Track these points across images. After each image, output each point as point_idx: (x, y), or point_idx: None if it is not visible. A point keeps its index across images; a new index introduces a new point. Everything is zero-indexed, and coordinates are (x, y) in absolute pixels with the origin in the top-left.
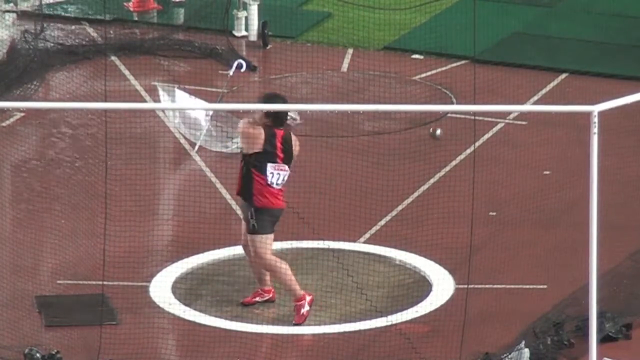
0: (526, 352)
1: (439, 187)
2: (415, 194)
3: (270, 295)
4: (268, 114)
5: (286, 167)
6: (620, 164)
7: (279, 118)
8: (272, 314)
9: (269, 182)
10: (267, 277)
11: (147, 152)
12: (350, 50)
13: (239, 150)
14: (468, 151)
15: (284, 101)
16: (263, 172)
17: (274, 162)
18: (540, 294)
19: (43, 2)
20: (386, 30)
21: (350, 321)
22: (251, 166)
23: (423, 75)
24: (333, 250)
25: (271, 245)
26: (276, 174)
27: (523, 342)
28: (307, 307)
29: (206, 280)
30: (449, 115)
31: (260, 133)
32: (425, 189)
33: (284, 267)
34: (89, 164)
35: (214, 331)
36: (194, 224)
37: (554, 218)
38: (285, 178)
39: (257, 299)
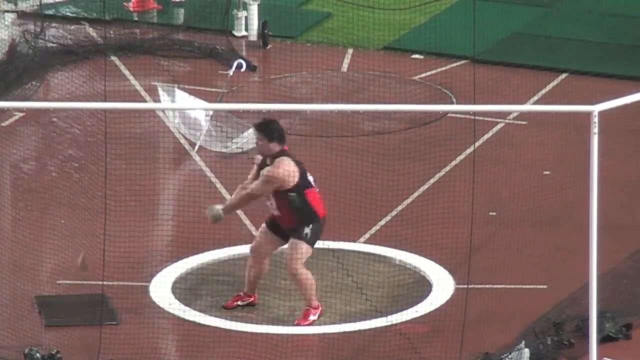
0: (526, 352)
1: (439, 187)
2: (415, 194)
3: (252, 299)
4: (272, 137)
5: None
6: (620, 164)
7: (282, 135)
8: (272, 314)
9: (314, 186)
10: (256, 286)
11: (147, 152)
12: (350, 50)
13: (239, 151)
14: (468, 151)
15: (277, 124)
16: (310, 185)
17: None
18: (540, 294)
19: (43, 2)
20: (386, 30)
21: (350, 321)
22: (302, 190)
23: (423, 75)
24: (333, 250)
25: (307, 257)
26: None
27: (523, 342)
28: (315, 317)
29: (206, 280)
30: (449, 115)
31: (294, 166)
32: (425, 189)
33: (312, 279)
34: (88, 164)
35: (214, 331)
36: (194, 224)
37: (554, 218)
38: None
39: (239, 302)
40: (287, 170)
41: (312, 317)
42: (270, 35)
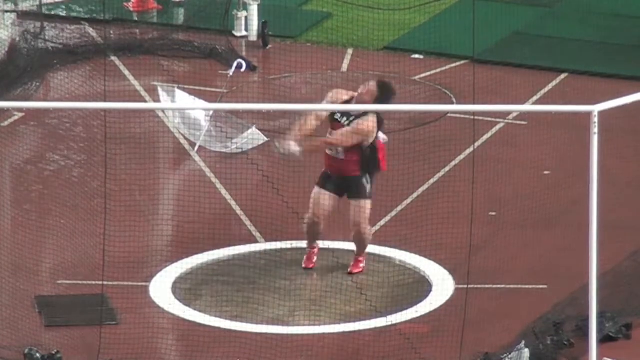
0: (526, 352)
1: (439, 187)
2: (415, 194)
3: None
4: (382, 99)
5: None
6: (620, 164)
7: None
8: (272, 314)
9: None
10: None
11: (147, 152)
12: (350, 50)
13: (239, 151)
14: (468, 151)
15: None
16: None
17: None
18: (540, 294)
19: (43, 2)
20: (386, 30)
21: (350, 321)
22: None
23: (423, 75)
24: (333, 250)
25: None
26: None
27: (523, 342)
28: (364, 264)
29: (206, 280)
30: (449, 115)
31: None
32: (425, 189)
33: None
34: (88, 164)
35: (214, 331)
36: (194, 224)
37: (554, 218)
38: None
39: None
40: (374, 126)
41: (363, 265)
42: (270, 35)
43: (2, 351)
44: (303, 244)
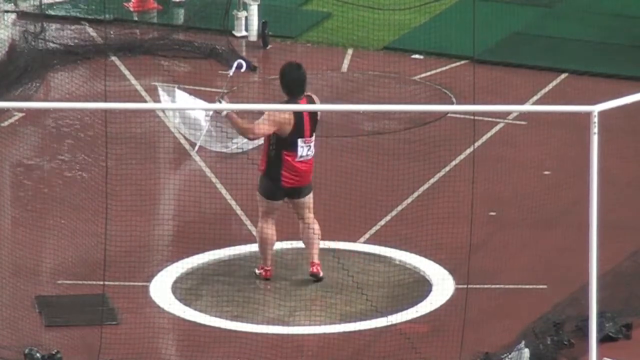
0: (526, 352)
1: (439, 187)
2: (415, 194)
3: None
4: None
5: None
6: (620, 164)
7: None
8: (272, 314)
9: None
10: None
11: (147, 152)
12: (350, 50)
13: (239, 151)
14: (468, 151)
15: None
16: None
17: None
18: (540, 294)
19: (43, 2)
20: (386, 30)
21: (350, 321)
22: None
23: (423, 75)
24: (333, 250)
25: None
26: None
27: (523, 342)
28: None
29: (206, 280)
30: (449, 115)
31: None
32: (425, 189)
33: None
34: (89, 164)
35: (214, 331)
36: (194, 224)
37: (554, 218)
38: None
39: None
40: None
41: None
42: (270, 35)
43: (2, 351)
44: (303, 244)
